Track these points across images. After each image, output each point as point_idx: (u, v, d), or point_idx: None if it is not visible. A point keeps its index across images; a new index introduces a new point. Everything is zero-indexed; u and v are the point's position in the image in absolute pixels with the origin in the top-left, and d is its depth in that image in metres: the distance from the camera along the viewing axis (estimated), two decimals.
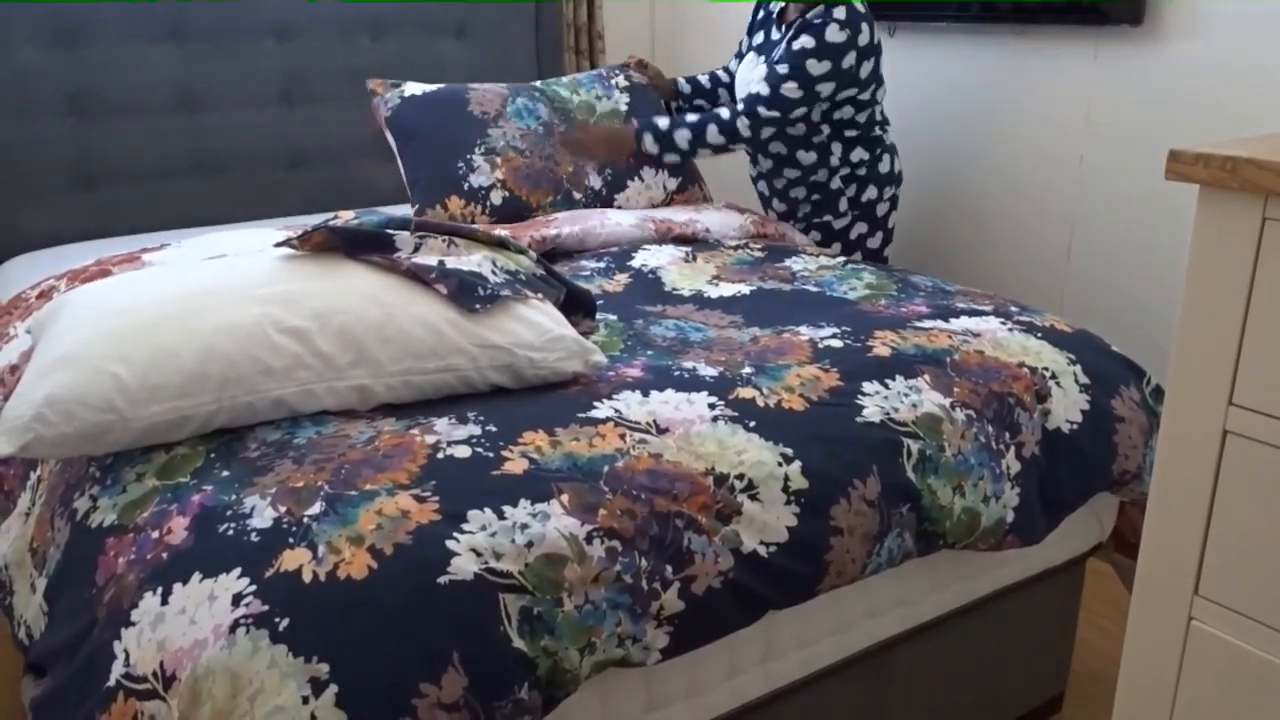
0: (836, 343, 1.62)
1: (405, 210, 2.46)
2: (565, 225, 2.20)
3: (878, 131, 2.44)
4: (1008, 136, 2.60)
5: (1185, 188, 2.21)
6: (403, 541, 1.10)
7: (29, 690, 1.17)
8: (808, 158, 2.42)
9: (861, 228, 2.50)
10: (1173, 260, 2.29)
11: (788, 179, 2.49)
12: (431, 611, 1.06)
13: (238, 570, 1.07)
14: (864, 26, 2.27)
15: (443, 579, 1.08)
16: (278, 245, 1.52)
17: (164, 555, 1.11)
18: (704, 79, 2.73)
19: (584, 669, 1.15)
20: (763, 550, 1.28)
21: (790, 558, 1.30)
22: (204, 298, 1.36)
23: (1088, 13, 2.30)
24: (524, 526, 1.15)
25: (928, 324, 1.72)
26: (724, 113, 2.33)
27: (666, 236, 2.25)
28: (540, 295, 1.54)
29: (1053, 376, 1.62)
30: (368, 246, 1.49)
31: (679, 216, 2.33)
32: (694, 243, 2.25)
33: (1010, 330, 1.71)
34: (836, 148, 2.41)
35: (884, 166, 2.46)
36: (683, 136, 2.35)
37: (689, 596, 1.22)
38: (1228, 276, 1.03)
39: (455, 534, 1.12)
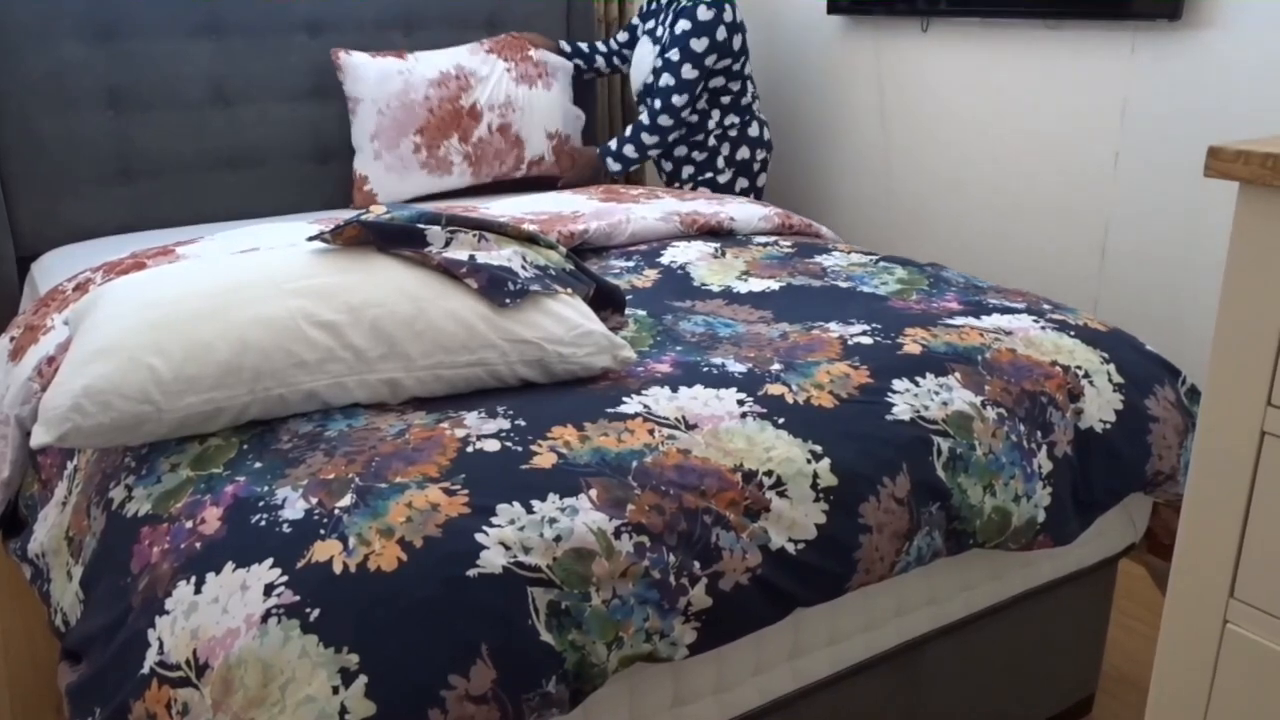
0: (866, 340, 1.62)
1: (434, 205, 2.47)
2: (592, 221, 2.20)
3: (748, 99, 2.89)
4: (1041, 132, 2.57)
5: (1224, 185, 2.18)
6: (432, 534, 1.11)
7: (65, 676, 1.19)
8: (690, 119, 2.87)
9: (743, 183, 2.95)
10: (1210, 259, 2.26)
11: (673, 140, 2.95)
12: (460, 604, 1.07)
13: (270, 560, 1.08)
14: (727, 5, 2.71)
15: (472, 572, 1.09)
16: (311, 239, 1.54)
17: (197, 545, 1.12)
18: (585, 46, 3.09)
19: (611, 663, 1.15)
20: (791, 547, 1.28)
21: (819, 555, 1.29)
22: (238, 291, 1.38)
23: (1124, 6, 2.27)
24: (553, 521, 1.15)
25: (959, 321, 1.71)
26: (645, 118, 2.80)
27: (693, 229, 2.25)
28: (570, 290, 1.55)
29: (1086, 375, 1.61)
30: (399, 241, 1.50)
31: (705, 208, 2.34)
32: (721, 236, 2.25)
33: (1043, 328, 1.70)
34: (715, 113, 2.87)
35: (753, 131, 2.92)
36: (630, 151, 2.84)
37: (717, 593, 1.22)
38: (1268, 276, 1.02)
39: (484, 527, 1.13)
